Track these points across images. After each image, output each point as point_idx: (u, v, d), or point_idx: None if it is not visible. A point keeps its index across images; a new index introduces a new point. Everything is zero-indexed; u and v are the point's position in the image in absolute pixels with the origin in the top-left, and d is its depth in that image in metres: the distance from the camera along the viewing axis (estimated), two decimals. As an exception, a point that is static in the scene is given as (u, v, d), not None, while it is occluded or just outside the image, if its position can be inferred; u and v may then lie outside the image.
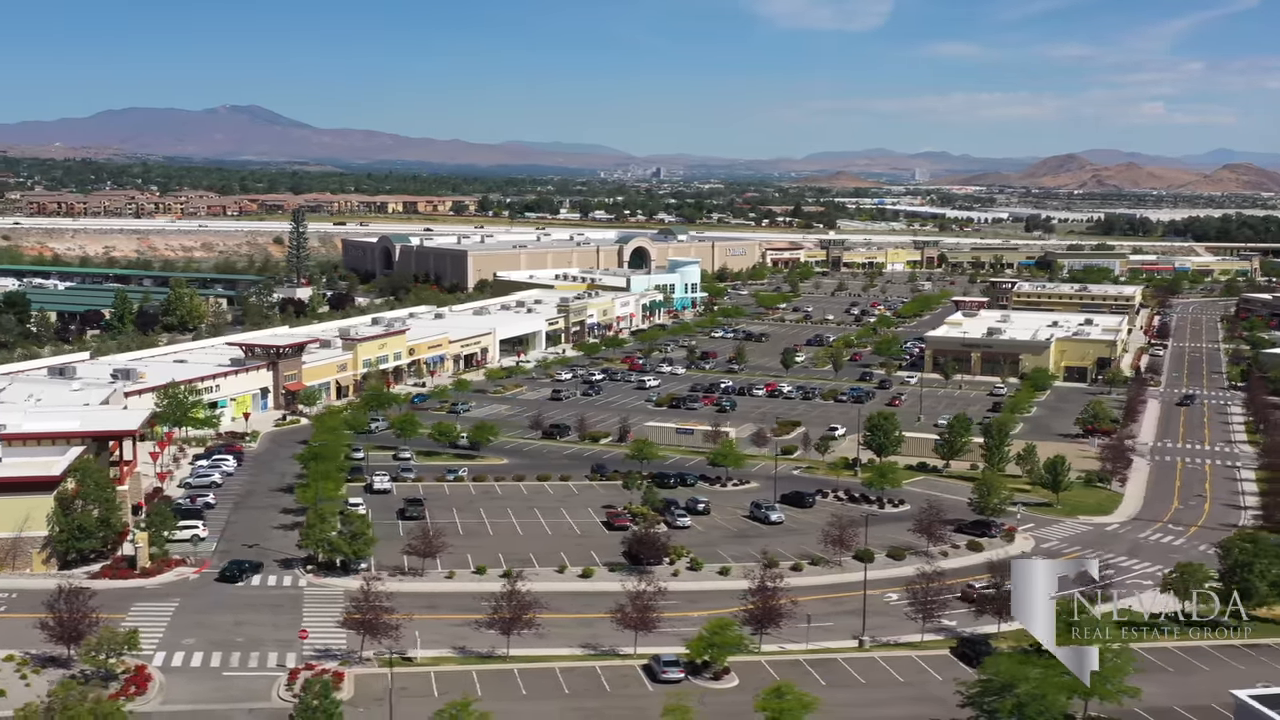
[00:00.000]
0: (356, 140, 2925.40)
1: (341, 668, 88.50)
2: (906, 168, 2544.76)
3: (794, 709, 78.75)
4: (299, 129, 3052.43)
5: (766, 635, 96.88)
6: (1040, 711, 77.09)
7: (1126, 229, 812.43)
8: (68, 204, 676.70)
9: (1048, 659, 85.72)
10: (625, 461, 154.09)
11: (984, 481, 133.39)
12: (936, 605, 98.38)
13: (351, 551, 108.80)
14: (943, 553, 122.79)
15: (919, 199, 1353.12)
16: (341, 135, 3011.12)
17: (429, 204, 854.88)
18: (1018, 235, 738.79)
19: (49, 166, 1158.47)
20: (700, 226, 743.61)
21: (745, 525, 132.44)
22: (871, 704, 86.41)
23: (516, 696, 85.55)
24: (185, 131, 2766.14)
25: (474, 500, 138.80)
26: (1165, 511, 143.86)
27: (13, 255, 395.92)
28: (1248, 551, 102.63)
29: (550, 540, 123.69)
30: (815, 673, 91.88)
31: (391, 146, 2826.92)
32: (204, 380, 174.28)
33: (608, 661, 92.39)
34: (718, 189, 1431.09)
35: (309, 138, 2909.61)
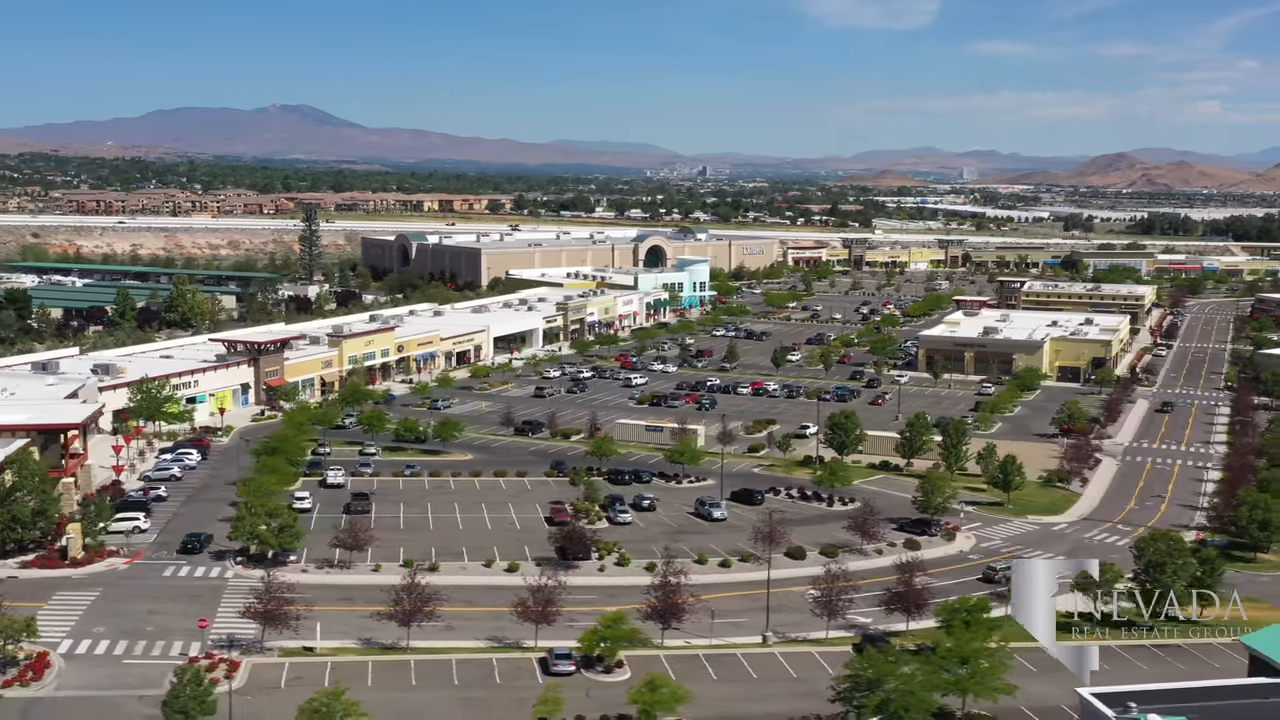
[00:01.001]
0: (405, 140, 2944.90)
1: (241, 657, 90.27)
2: (954, 167, 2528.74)
3: (666, 701, 79.88)
4: (348, 128, 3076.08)
5: (676, 630, 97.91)
6: (906, 707, 77.61)
7: (1167, 228, 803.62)
8: (106, 202, 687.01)
9: (928, 656, 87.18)
10: (585, 458, 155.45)
11: (928, 480, 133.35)
12: (843, 603, 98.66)
13: (278, 544, 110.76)
14: (878, 550, 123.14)
15: (962, 198, 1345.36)
16: (390, 135, 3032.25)
17: (465, 202, 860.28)
18: (1056, 234, 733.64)
19: (97, 165, 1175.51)
20: (735, 225, 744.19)
21: (688, 522, 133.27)
22: (756, 699, 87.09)
23: (405, 687, 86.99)
24: (236, 131, 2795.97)
25: (425, 495, 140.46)
26: (1118, 512, 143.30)
27: (37, 253, 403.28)
28: (1161, 551, 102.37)
29: (488, 535, 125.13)
30: (710, 667, 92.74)
31: (440, 146, 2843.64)
32: (182, 376, 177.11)
33: (506, 654, 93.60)
34: (761, 188, 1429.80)
35: (358, 137, 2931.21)
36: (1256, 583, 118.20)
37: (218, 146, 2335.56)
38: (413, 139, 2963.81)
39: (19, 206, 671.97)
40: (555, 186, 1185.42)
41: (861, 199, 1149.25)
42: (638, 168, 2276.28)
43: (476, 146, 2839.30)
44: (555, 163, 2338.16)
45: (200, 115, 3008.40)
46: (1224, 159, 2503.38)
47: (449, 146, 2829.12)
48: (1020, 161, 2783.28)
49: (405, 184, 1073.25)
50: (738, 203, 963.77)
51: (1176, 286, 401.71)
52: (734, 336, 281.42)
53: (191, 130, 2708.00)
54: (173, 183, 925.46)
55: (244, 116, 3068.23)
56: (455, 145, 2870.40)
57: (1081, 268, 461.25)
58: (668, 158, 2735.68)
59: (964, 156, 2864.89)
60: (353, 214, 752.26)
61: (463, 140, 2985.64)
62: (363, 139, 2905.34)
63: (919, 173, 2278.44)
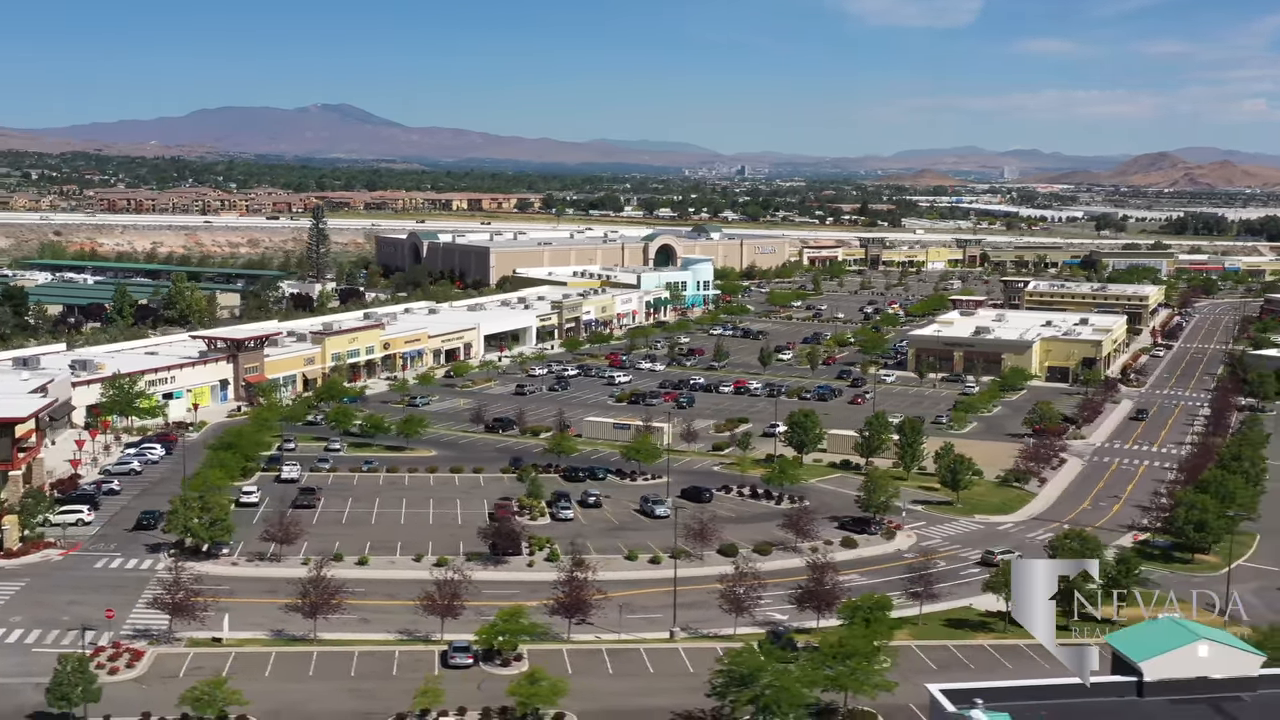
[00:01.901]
0: (445, 139, 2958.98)
1: (148, 647, 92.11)
2: (995, 166, 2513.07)
3: (544, 694, 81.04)
4: (389, 128, 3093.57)
5: (591, 625, 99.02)
6: (778, 702, 78.30)
7: (1200, 228, 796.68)
8: (137, 201, 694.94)
9: (811, 653, 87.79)
10: (544, 455, 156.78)
11: (871, 479, 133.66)
12: (751, 599, 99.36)
13: (208, 537, 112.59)
14: (813, 549, 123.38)
15: (999, 197, 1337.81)
16: (430, 134, 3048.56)
17: (493, 201, 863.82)
18: (1087, 234, 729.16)
19: (136, 164, 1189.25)
20: (763, 225, 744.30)
21: (631, 519, 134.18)
22: (646, 693, 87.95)
23: (302, 678, 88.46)
24: (278, 130, 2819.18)
25: (377, 491, 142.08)
26: (1070, 512, 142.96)
27: (55, 250, 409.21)
28: (1073, 551, 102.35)
29: (427, 530, 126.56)
30: (610, 662, 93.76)
31: (480, 145, 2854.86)
32: (158, 372, 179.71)
33: (410, 647, 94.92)
34: (797, 187, 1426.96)
35: (398, 136, 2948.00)
36: (1189, 584, 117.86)
37: (260, 146, 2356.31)
38: (452, 138, 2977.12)
39: (51, 205, 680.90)
40: (590, 185, 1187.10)
41: (894, 198, 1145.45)
42: (676, 167, 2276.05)
43: (516, 146, 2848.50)
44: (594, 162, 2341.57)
45: (242, 115, 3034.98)
46: (1270, 158, 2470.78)
47: (488, 146, 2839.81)
48: (1062, 161, 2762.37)
49: (439, 183, 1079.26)
50: (768, 202, 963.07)
51: (1191, 286, 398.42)
52: (731, 335, 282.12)
53: (234, 130, 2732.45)
54: (208, 181, 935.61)
55: (286, 116, 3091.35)
56: (495, 144, 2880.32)
57: (1100, 268, 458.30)
58: (707, 157, 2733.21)
59: (1005, 156, 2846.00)
60: (381, 212, 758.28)
61: (502, 139, 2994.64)
62: (403, 138, 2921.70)
63: (959, 172, 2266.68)
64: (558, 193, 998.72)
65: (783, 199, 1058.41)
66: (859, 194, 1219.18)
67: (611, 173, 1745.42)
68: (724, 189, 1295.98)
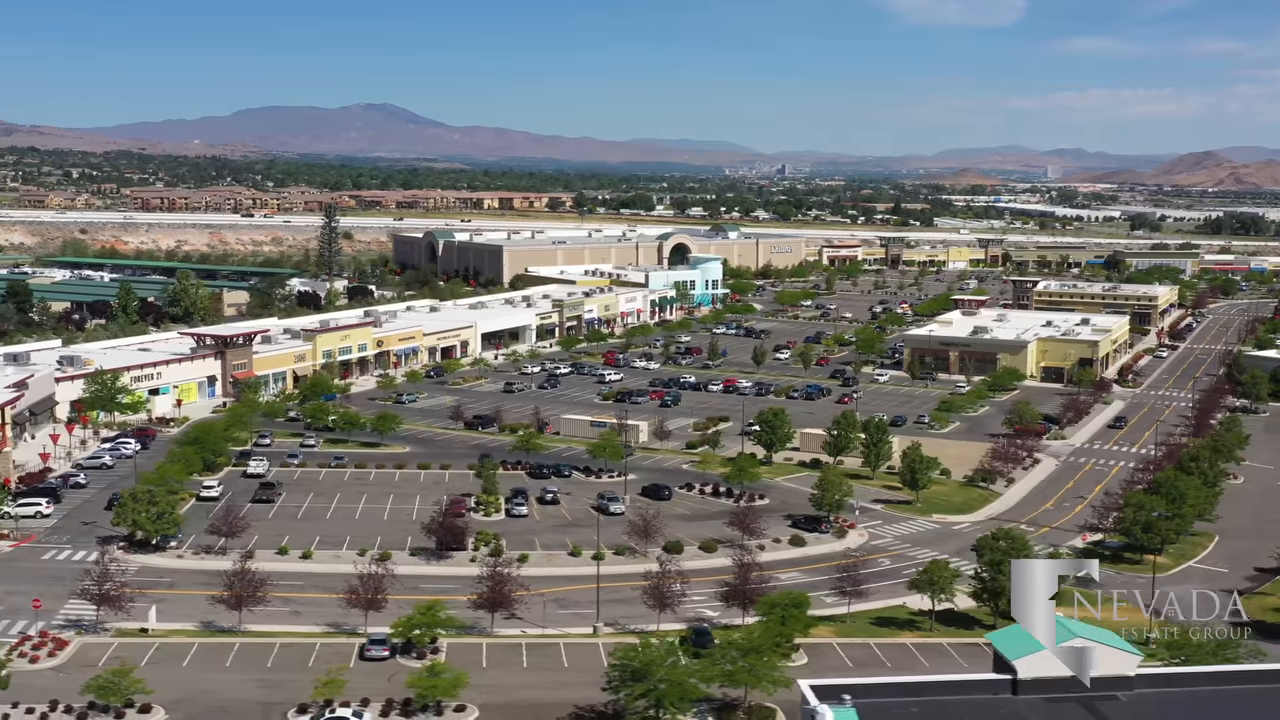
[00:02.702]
0: (487, 138, 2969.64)
1: (74, 637, 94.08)
2: (1039, 165, 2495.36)
3: (444, 686, 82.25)
4: (431, 127, 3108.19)
5: (519, 620, 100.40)
6: (669, 697, 79.17)
7: (1237, 228, 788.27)
8: (170, 200, 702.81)
9: (715, 650, 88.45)
10: (512, 452, 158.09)
11: (824, 478, 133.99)
12: (674, 596, 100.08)
13: (154, 530, 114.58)
14: (760, 546, 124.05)
15: (1037, 197, 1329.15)
16: (472, 133, 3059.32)
17: (525, 200, 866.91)
18: (1121, 234, 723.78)
19: (177, 163, 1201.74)
20: (794, 224, 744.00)
21: (586, 516, 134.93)
22: (554, 686, 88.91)
23: (219, 668, 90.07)
24: (321, 129, 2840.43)
25: (341, 486, 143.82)
26: (1031, 512, 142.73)
27: (78, 248, 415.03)
28: (1000, 550, 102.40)
29: (380, 525, 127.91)
30: (527, 656, 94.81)
31: (522, 144, 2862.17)
32: (144, 368, 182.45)
33: (332, 639, 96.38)
34: (836, 186, 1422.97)
35: (441, 135, 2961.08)
36: (1134, 584, 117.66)
37: (303, 145, 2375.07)
38: (494, 137, 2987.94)
39: (86, 203, 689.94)
40: (627, 185, 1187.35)
41: (930, 198, 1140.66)
42: (717, 166, 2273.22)
43: (557, 145, 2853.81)
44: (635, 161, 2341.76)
45: (286, 114, 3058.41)
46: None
47: (530, 145, 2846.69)
48: (1107, 160, 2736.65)
49: (475, 182, 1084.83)
50: (801, 202, 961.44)
51: (1211, 286, 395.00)
52: (733, 334, 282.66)
53: (277, 129, 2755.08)
54: (246, 180, 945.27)
55: (329, 115, 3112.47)
56: (536, 144, 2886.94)
57: (1123, 268, 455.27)
58: (748, 156, 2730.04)
59: (1049, 155, 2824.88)
60: (412, 211, 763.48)
61: (544, 139, 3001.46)
62: (445, 137, 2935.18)
63: (1002, 172, 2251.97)
64: (590, 192, 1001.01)
65: (818, 198, 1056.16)
66: (896, 193, 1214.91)
67: (652, 172, 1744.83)
68: (760, 188, 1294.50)
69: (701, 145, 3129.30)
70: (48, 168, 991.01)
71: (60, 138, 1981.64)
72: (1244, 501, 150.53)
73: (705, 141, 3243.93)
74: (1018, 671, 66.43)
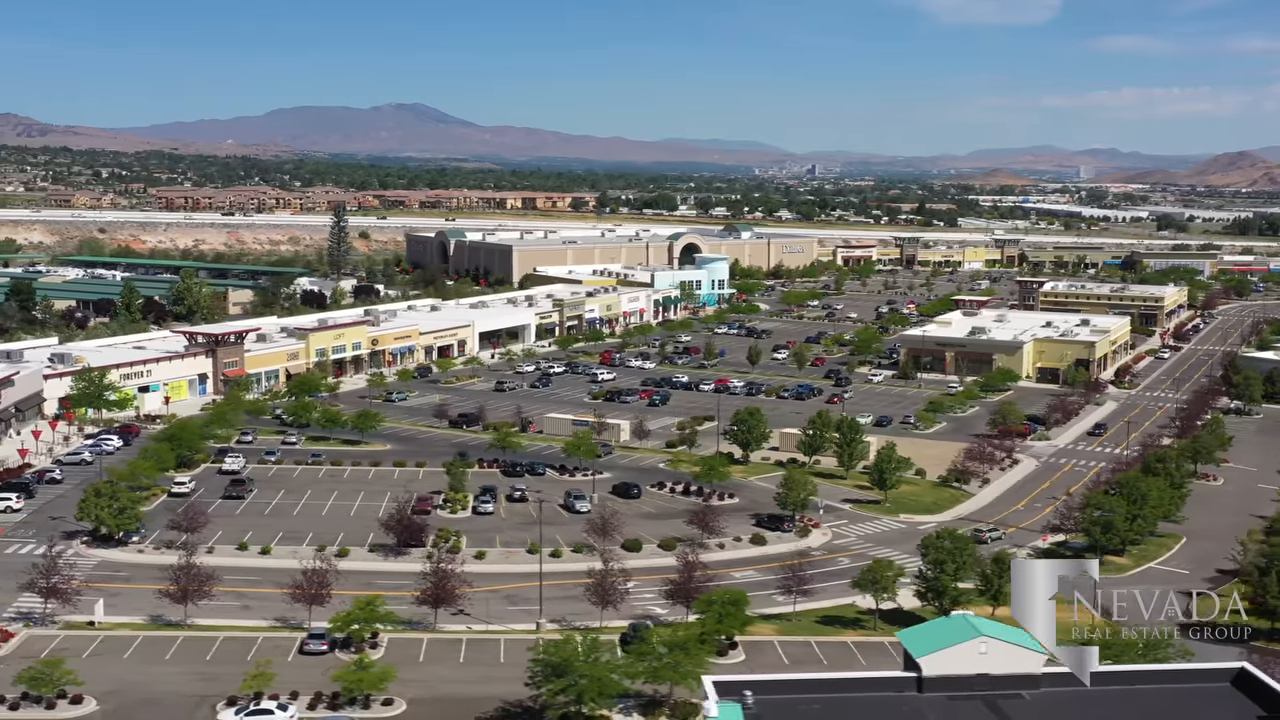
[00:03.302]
0: (517, 138, 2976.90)
1: (22, 629, 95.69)
2: (1072, 165, 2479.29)
3: (370, 680, 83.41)
4: (462, 127, 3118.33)
5: (466, 615, 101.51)
6: (586, 692, 79.97)
7: (1265, 228, 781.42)
8: (194, 199, 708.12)
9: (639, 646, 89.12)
10: (489, 450, 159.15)
11: (788, 477, 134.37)
12: (617, 594, 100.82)
13: (116, 525, 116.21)
14: (720, 545, 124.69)
15: (1067, 197, 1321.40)
16: (502, 133, 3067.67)
17: (549, 200, 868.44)
18: (1146, 234, 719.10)
19: (207, 163, 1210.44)
20: (817, 224, 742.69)
21: (552, 514, 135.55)
22: (487, 680, 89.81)
23: (159, 661, 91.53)
24: (352, 129, 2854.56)
25: (314, 483, 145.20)
26: (1000, 513, 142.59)
27: (94, 247, 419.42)
28: (944, 550, 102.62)
29: (345, 522, 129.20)
30: (466, 651, 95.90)
31: (552, 144, 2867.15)
32: (134, 365, 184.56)
33: (277, 634, 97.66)
34: (864, 186, 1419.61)
35: (471, 135, 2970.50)
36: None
37: (334, 145, 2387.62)
38: (525, 137, 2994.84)
39: (111, 203, 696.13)
40: (654, 185, 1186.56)
41: (957, 198, 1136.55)
42: (747, 166, 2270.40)
43: (587, 145, 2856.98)
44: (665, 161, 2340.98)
45: (318, 114, 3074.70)
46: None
47: (560, 144, 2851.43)
48: (1141, 160, 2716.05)
49: (502, 182, 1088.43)
50: (825, 202, 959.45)
51: (1225, 287, 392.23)
52: (735, 334, 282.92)
53: (310, 129, 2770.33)
54: (274, 180, 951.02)
55: (360, 115, 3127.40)
56: (566, 143, 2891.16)
57: (1140, 268, 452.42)
58: (779, 156, 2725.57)
59: (1082, 155, 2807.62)
60: (435, 211, 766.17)
61: (574, 138, 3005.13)
62: (476, 137, 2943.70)
63: (1034, 171, 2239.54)
64: (617, 192, 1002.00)
65: (845, 198, 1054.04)
66: (924, 194, 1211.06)
67: (681, 172, 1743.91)
68: (788, 188, 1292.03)
69: (732, 145, 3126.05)
70: (78, 167, 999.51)
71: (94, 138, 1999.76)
72: (1219, 503, 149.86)
73: (735, 141, 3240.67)
74: (922, 669, 66.80)
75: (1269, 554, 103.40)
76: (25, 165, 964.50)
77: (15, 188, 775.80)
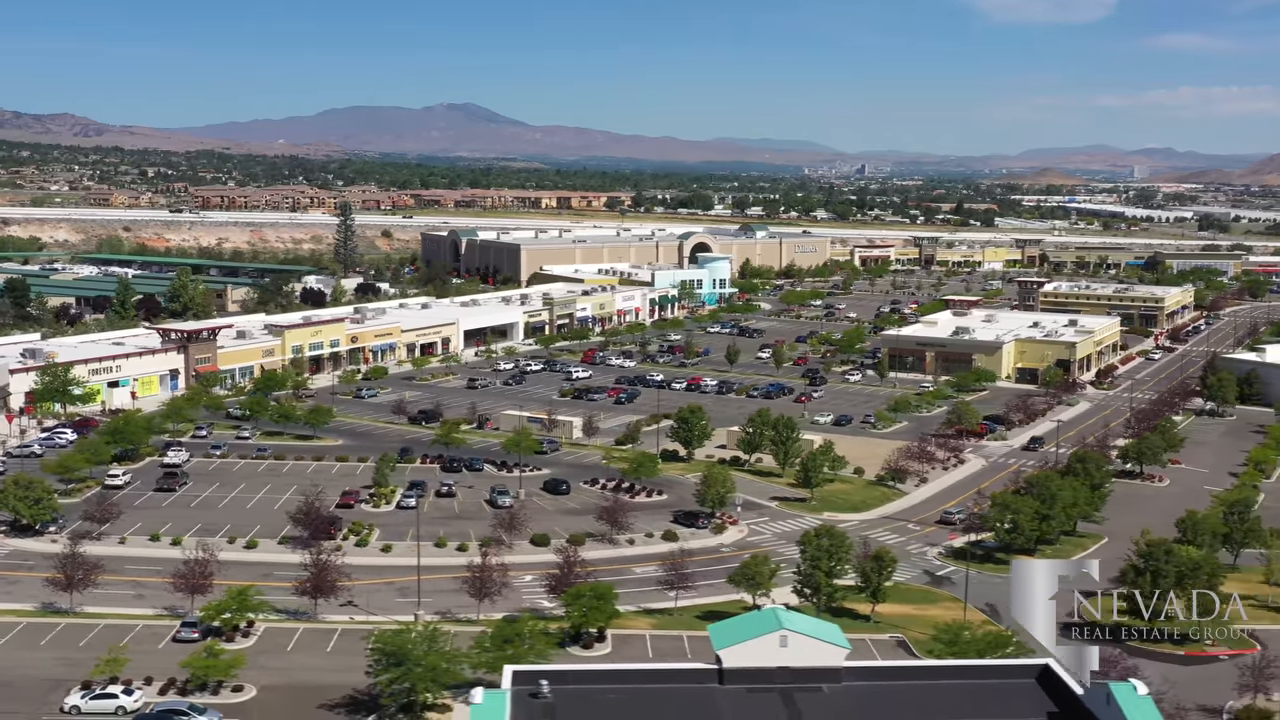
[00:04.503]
0: (567, 137, 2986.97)
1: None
2: (1125, 165, 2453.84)
3: (219, 667, 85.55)
4: (512, 126, 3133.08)
5: (354, 608, 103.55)
6: (420, 681, 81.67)
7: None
8: (230, 198, 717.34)
9: (481, 636, 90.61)
10: (433, 446, 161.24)
11: (707, 475, 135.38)
12: (494, 586, 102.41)
13: (31, 516, 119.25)
14: (630, 540, 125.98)
15: (1114, 197, 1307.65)
16: (552, 132, 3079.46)
17: (583, 199, 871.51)
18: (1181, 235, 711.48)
19: (254, 163, 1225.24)
20: (851, 224, 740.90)
21: (476, 509, 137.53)
22: (345, 669, 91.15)
23: (34, 646, 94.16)
24: (403, 129, 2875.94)
25: (252, 476, 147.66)
26: (927, 512, 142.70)
27: (114, 245, 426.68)
28: (820, 547, 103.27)
29: (267, 515, 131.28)
30: (337, 641, 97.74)
31: (602, 143, 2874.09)
32: (103, 361, 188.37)
33: (158, 621, 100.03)
34: (911, 186, 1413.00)
35: (521, 135, 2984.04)
36: (988, 585, 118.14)
37: (385, 145, 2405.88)
38: (574, 136, 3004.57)
39: (149, 201, 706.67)
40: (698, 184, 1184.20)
41: (1000, 198, 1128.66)
42: (796, 166, 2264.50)
43: (637, 144, 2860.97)
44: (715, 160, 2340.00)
45: (370, 114, 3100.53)
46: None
47: (610, 144, 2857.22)
48: (1197, 159, 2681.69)
49: (546, 181, 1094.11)
50: (862, 201, 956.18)
51: (1240, 288, 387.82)
52: (728, 333, 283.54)
53: (361, 129, 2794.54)
54: (317, 180, 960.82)
55: (412, 115, 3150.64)
56: (616, 143, 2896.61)
57: (1163, 268, 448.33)
58: (829, 155, 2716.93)
59: (1137, 154, 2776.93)
60: (469, 210, 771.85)
61: (623, 138, 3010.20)
62: (526, 136, 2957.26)
63: (1087, 171, 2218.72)
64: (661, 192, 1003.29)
65: (887, 198, 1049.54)
66: (968, 193, 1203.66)
67: (730, 171, 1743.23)
68: (831, 188, 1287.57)
69: (782, 145, 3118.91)
70: (125, 167, 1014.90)
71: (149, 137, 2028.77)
72: (1157, 505, 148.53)
73: (786, 141, 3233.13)
74: (722, 661, 67.75)
75: (1145, 554, 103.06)
76: (74, 165, 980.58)
77: (60, 186, 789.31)
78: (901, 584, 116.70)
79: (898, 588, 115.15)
